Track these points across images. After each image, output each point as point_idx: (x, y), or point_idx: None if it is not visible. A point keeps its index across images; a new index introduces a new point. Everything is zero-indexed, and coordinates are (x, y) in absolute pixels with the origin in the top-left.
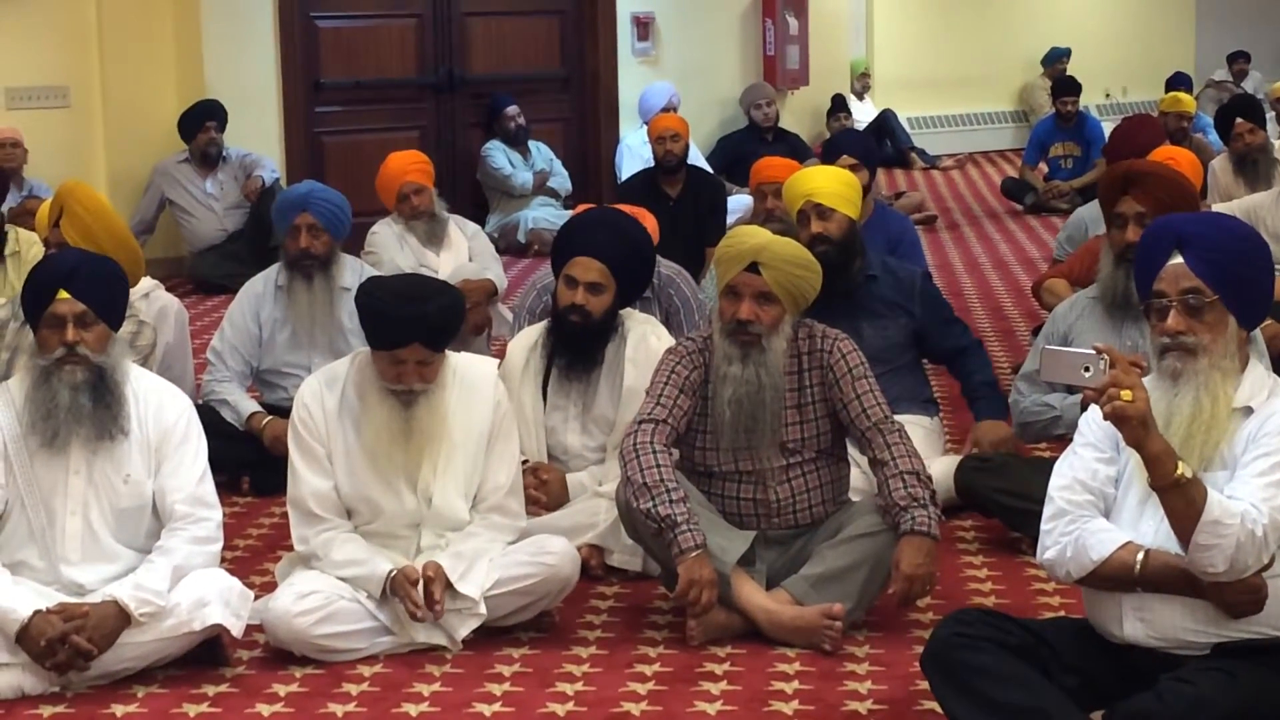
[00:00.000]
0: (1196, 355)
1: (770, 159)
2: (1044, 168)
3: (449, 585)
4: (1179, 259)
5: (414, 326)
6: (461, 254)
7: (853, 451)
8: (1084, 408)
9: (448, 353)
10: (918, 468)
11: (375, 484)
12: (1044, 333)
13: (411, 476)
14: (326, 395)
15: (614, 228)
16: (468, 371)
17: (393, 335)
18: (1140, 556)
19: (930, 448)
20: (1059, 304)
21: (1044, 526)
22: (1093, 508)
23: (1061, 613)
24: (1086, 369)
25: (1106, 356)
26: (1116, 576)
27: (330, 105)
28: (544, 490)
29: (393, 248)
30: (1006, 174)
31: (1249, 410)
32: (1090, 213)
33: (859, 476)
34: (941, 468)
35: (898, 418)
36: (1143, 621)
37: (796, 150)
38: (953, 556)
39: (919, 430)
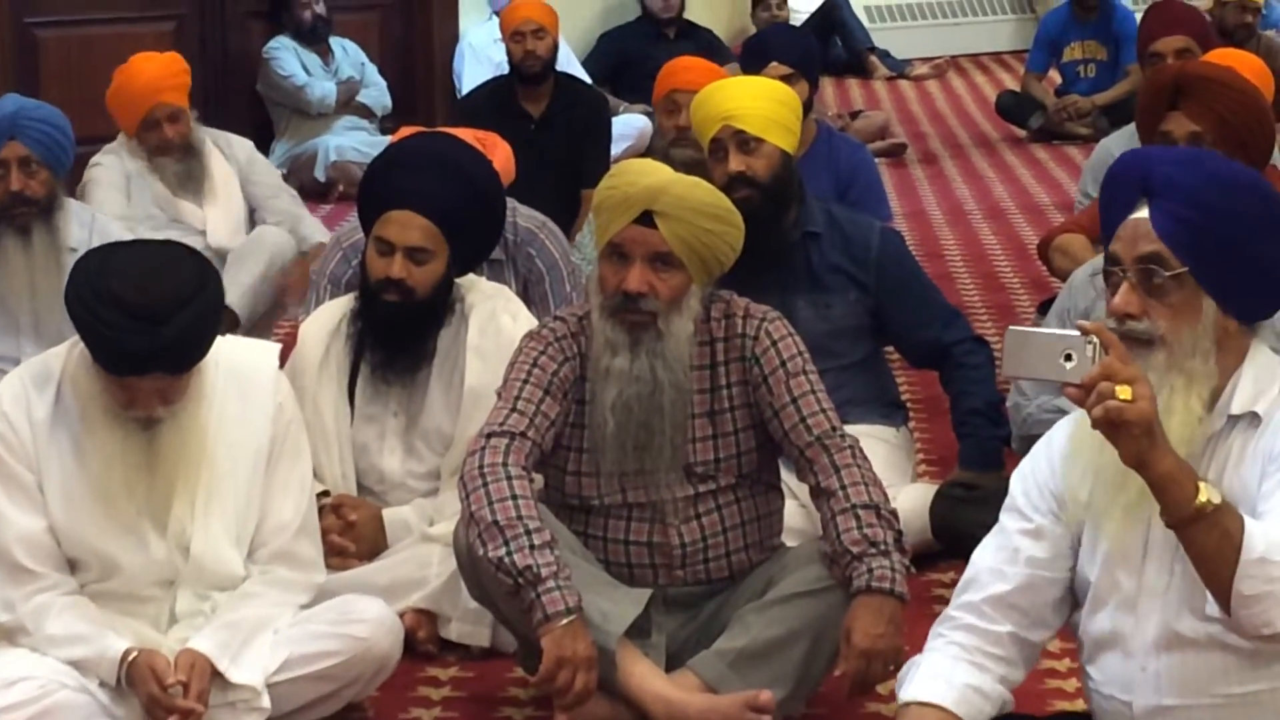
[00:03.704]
0: (1151, 347)
1: (686, 60)
2: (1056, 77)
3: (217, 675)
4: (1144, 211)
5: (147, 360)
6: (234, 198)
7: (787, 477)
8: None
9: None
10: (877, 500)
11: (108, 529)
12: (1055, 309)
13: (160, 517)
14: (34, 399)
15: (446, 164)
16: (237, 364)
17: (119, 365)
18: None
19: (896, 471)
20: (1075, 270)
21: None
22: (975, 613)
23: (1079, 703)
24: (1068, 356)
25: (1095, 339)
26: None
27: None
28: (351, 534)
29: (113, 198)
30: (1004, 86)
31: (1255, 417)
32: (1121, 143)
33: (796, 512)
34: (912, 498)
35: (850, 429)
36: None
37: (710, 51)
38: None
39: (880, 446)
